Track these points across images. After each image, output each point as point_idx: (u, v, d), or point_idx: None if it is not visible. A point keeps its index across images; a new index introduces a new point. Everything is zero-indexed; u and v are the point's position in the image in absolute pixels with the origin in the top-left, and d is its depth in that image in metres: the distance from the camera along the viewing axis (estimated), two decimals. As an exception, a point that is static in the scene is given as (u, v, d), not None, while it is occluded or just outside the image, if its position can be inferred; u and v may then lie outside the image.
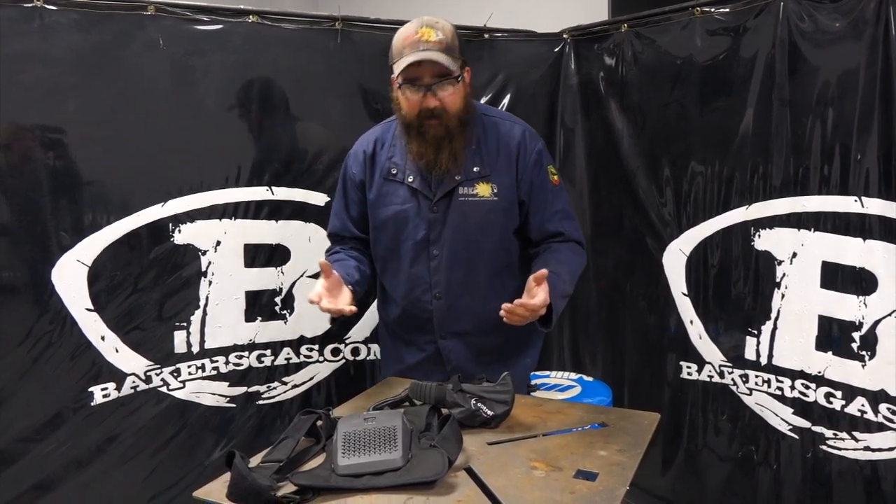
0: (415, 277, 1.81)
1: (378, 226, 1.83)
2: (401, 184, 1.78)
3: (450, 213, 1.76)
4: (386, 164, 1.80)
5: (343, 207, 1.89)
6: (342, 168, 1.90)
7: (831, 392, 2.05)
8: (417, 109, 1.67)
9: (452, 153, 1.71)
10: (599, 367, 2.81)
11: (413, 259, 1.80)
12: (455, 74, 1.66)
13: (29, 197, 2.01)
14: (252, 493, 1.23)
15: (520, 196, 1.81)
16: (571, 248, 1.86)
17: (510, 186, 1.79)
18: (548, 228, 1.84)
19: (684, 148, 2.39)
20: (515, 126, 1.84)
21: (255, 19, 2.29)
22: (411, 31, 1.67)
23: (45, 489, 2.10)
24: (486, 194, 1.77)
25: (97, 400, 2.15)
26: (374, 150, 1.82)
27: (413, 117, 1.69)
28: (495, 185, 1.77)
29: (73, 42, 2.03)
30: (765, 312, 2.20)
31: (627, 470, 1.36)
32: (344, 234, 1.90)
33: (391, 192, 1.79)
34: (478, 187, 1.77)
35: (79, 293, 2.09)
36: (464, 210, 1.76)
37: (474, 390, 1.56)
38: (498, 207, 1.78)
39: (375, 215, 1.82)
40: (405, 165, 1.78)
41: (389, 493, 1.26)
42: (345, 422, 1.40)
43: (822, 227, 2.02)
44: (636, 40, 2.52)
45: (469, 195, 1.76)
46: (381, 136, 1.84)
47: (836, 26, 1.94)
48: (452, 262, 1.78)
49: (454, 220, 1.77)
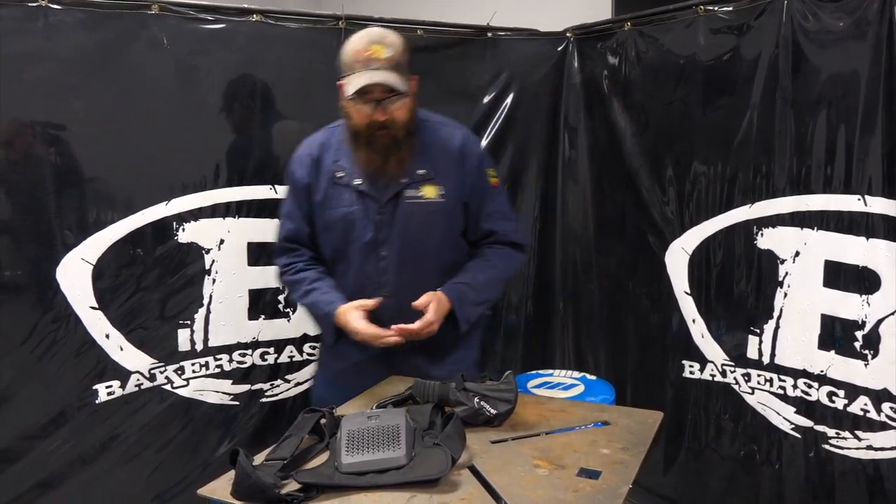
0: (364, 277, 1.84)
1: (326, 228, 1.86)
2: (347, 187, 1.81)
3: (397, 214, 1.81)
4: (332, 167, 1.83)
5: (296, 210, 1.89)
6: (287, 174, 1.90)
7: (834, 391, 2.05)
8: (368, 121, 1.72)
9: (399, 160, 1.77)
10: (602, 366, 2.81)
11: (362, 260, 1.83)
12: (403, 91, 1.71)
13: (33, 195, 2.01)
14: (256, 491, 1.23)
15: (464, 197, 1.86)
16: (499, 252, 1.92)
17: (455, 188, 1.84)
18: (483, 227, 1.91)
19: (687, 147, 2.39)
20: (457, 131, 1.89)
21: (259, 18, 2.29)
22: (361, 47, 1.70)
23: (50, 486, 2.10)
24: (433, 196, 1.82)
25: (101, 398, 2.16)
26: (319, 154, 1.85)
27: (363, 127, 1.74)
28: (441, 187, 1.82)
29: (78, 40, 2.03)
30: (767, 311, 2.20)
31: (630, 468, 1.36)
32: (300, 238, 1.90)
33: (338, 195, 1.82)
34: (423, 189, 1.81)
35: (83, 291, 2.10)
36: (411, 212, 1.81)
37: (477, 389, 1.56)
38: (443, 209, 1.83)
39: (322, 218, 1.85)
40: (352, 169, 1.82)
41: (393, 491, 1.27)
42: (348, 420, 1.41)
43: (825, 225, 2.02)
44: (639, 39, 2.52)
45: (415, 197, 1.81)
46: (326, 140, 1.87)
47: (839, 25, 1.94)
48: (401, 262, 1.82)
49: (401, 221, 1.81)
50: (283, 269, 1.91)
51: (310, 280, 1.86)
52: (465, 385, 1.57)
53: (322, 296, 1.82)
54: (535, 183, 2.92)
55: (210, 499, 1.31)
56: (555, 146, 2.90)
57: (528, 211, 2.93)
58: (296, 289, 1.88)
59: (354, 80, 1.68)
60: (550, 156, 2.91)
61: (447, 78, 2.72)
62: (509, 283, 2.94)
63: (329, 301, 1.80)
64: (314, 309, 1.85)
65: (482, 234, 1.92)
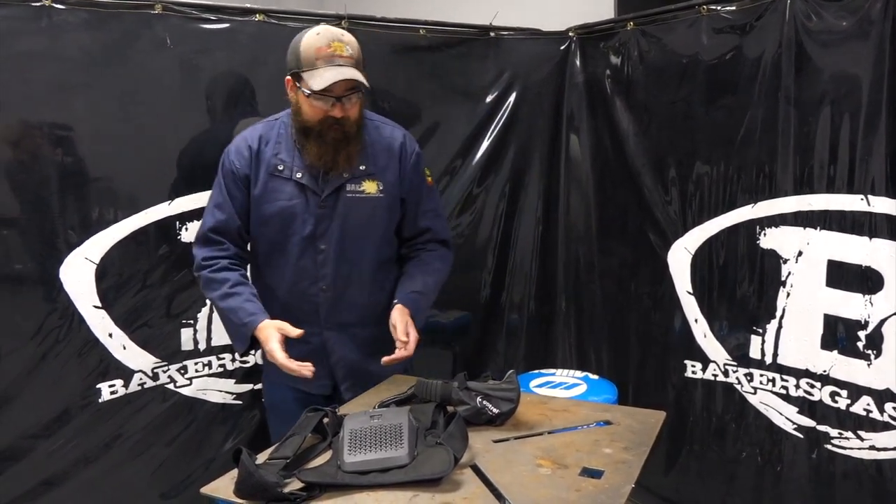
0: (301, 270, 1.85)
1: (263, 221, 1.85)
2: (287, 180, 1.82)
3: (337, 208, 1.82)
4: (272, 160, 1.83)
5: (228, 202, 1.85)
6: (221, 164, 1.88)
7: (836, 391, 2.05)
8: (322, 116, 1.74)
9: (348, 155, 1.79)
10: (604, 366, 2.81)
11: (300, 253, 1.84)
12: (366, 88, 1.74)
13: (37, 194, 2.02)
14: (259, 489, 1.24)
15: (402, 193, 1.91)
16: (437, 255, 1.98)
17: (394, 184, 1.88)
18: (419, 224, 1.96)
19: (690, 146, 2.39)
20: (396, 130, 1.94)
21: (262, 18, 2.29)
22: (323, 44, 1.71)
23: (53, 485, 2.11)
24: (373, 191, 1.85)
25: (105, 397, 2.17)
26: (259, 146, 1.84)
27: (315, 122, 1.75)
28: (381, 183, 1.86)
29: (81, 40, 2.03)
30: (770, 311, 2.19)
31: (633, 468, 1.36)
32: (228, 230, 1.86)
33: (277, 188, 1.82)
34: (364, 184, 1.84)
35: (87, 290, 2.10)
36: (351, 206, 1.83)
37: (480, 388, 1.57)
38: (382, 204, 1.87)
39: (260, 211, 1.84)
40: (293, 162, 1.82)
41: (395, 490, 1.27)
42: (351, 419, 1.41)
43: (828, 225, 2.02)
44: (642, 38, 2.51)
45: (357, 192, 1.84)
46: (265, 133, 1.87)
47: (842, 25, 1.94)
48: (339, 256, 1.84)
49: (342, 215, 1.83)
50: (205, 262, 1.85)
51: (231, 283, 1.82)
52: (467, 384, 1.58)
53: (244, 303, 1.79)
54: (538, 182, 2.92)
55: (213, 497, 1.31)
56: (557, 146, 2.90)
57: (530, 209, 2.93)
58: (214, 288, 1.83)
59: (321, 74, 1.69)
60: (553, 155, 2.91)
61: (450, 77, 2.72)
62: (511, 283, 2.96)
63: (251, 312, 1.78)
64: (231, 315, 1.80)
65: (418, 231, 1.97)
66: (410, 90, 2.67)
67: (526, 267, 2.97)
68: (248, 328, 1.76)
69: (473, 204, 2.84)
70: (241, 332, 1.79)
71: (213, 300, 1.88)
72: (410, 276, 1.92)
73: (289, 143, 1.84)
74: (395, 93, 2.62)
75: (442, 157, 2.73)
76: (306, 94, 1.72)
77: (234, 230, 1.86)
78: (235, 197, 1.85)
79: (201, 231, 1.89)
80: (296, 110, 1.79)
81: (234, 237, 1.87)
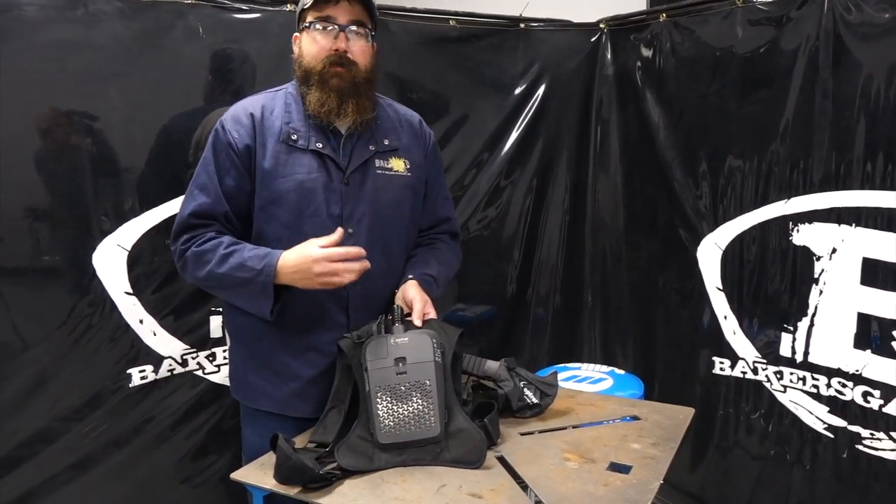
0: None
1: (273, 199, 1.56)
2: (304, 151, 1.56)
3: (366, 185, 1.59)
4: (283, 128, 1.57)
5: (212, 182, 1.57)
6: (211, 137, 1.61)
7: (869, 391, 2.01)
8: (325, 53, 1.53)
9: (358, 106, 1.56)
10: (630, 361, 2.80)
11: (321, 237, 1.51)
12: (370, 27, 1.58)
13: (71, 182, 2.04)
14: (297, 471, 1.28)
15: (426, 175, 1.74)
16: (451, 249, 1.81)
17: (420, 166, 1.70)
18: (438, 213, 1.79)
19: (722, 140, 2.35)
20: (410, 110, 1.78)
21: (293, 8, 2.30)
22: None
23: (83, 468, 2.14)
24: (401, 169, 1.65)
25: (135, 382, 2.20)
26: (262, 114, 1.59)
27: (317, 62, 1.54)
28: (407, 161, 1.67)
29: (116, 30, 2.06)
30: (801, 309, 2.16)
31: (661, 464, 1.35)
32: (213, 214, 1.57)
33: (293, 160, 1.56)
34: (392, 161, 1.64)
35: (118, 277, 2.13)
36: (381, 184, 1.61)
37: (525, 374, 1.60)
38: (411, 184, 1.68)
39: (270, 187, 1.55)
40: (308, 132, 1.57)
41: (423, 481, 1.28)
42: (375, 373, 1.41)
43: (864, 222, 1.99)
44: (675, 30, 2.48)
45: (385, 168, 1.62)
46: (268, 102, 1.62)
47: (884, 17, 1.89)
48: (370, 243, 1.56)
49: (370, 194, 1.59)
50: (186, 244, 1.56)
51: (226, 244, 1.53)
52: (515, 369, 1.60)
53: (250, 252, 1.51)
54: (566, 174, 2.90)
55: (243, 483, 1.33)
56: (586, 138, 2.88)
57: (558, 202, 2.92)
58: (205, 259, 1.52)
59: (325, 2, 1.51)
60: (581, 147, 2.89)
61: (479, 69, 2.71)
62: (537, 277, 2.95)
63: (261, 255, 1.49)
64: (239, 272, 1.49)
65: (437, 219, 1.80)
66: (439, 81, 2.66)
67: (552, 260, 2.95)
68: (269, 266, 1.46)
69: (500, 197, 2.84)
70: (259, 283, 1.48)
71: (209, 275, 1.53)
72: (425, 261, 1.69)
73: (300, 110, 1.60)
74: (424, 84, 2.61)
75: (470, 150, 2.73)
76: (307, 26, 1.54)
77: (221, 215, 1.57)
78: (231, 174, 1.57)
79: (180, 218, 1.59)
80: (298, 57, 1.59)
81: (221, 223, 1.58)
